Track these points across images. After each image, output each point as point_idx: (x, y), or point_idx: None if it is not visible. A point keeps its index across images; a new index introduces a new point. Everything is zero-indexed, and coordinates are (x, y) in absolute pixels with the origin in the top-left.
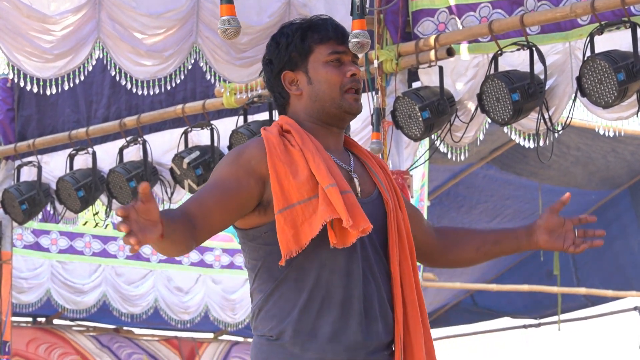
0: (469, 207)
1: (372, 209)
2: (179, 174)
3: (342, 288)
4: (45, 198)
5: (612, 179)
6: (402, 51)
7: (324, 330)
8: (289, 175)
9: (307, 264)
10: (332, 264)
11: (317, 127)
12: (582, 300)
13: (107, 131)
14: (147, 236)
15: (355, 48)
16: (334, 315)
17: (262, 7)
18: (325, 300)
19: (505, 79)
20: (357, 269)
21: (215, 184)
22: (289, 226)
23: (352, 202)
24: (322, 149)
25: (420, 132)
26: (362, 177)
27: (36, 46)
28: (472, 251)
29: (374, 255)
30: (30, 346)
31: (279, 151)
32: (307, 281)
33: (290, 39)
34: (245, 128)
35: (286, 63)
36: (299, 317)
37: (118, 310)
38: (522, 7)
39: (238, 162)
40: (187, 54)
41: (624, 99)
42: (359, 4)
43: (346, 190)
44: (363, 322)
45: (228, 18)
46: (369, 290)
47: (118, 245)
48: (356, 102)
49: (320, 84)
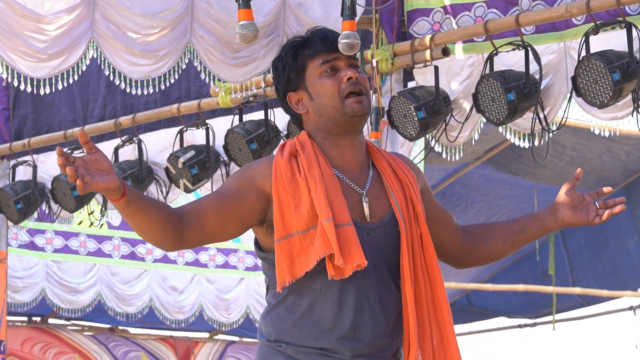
0: (464, 206)
1: (382, 234)
2: (174, 174)
3: (333, 316)
4: (40, 197)
5: (608, 179)
6: (397, 51)
7: (314, 347)
8: (291, 205)
9: (304, 289)
10: (327, 291)
11: (329, 141)
12: (578, 300)
13: (102, 130)
14: (97, 179)
15: (345, 49)
16: (324, 340)
17: (256, 7)
18: (315, 326)
19: (500, 78)
20: (351, 298)
21: (216, 192)
22: (285, 256)
23: (349, 236)
24: (329, 174)
25: (415, 131)
26: (377, 198)
27: (30, 46)
28: (499, 244)
29: (379, 283)
30: (26, 345)
31: (284, 179)
32: (302, 305)
33: (285, 61)
34: (241, 127)
35: (287, 85)
36: (289, 334)
37: (113, 309)
38: (517, 7)
39: (243, 176)
40: (181, 54)
41: (619, 99)
42: (350, 5)
43: (343, 224)
44: (352, 348)
45: (246, 23)
46: (362, 319)
47: (113, 244)
48: (359, 103)
49: (320, 97)
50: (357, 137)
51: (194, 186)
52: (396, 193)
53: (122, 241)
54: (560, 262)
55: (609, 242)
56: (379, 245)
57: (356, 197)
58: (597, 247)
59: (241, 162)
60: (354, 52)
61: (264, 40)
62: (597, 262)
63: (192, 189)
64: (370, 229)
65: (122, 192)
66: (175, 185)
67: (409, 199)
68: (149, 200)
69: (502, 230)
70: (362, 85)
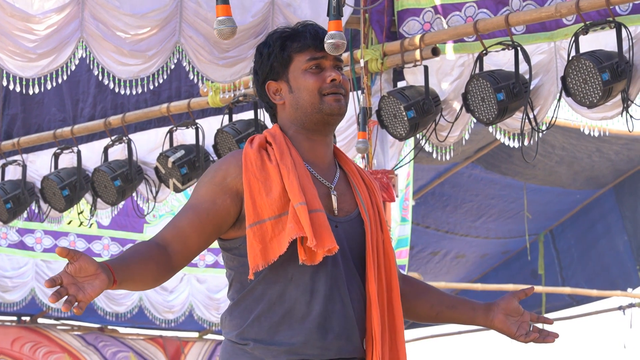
0: (454, 206)
1: (349, 228)
2: (164, 173)
3: (304, 304)
4: (30, 197)
5: (597, 179)
6: (387, 50)
7: (282, 343)
8: (262, 191)
9: (275, 277)
10: (299, 279)
11: (302, 137)
12: (567, 299)
13: (92, 130)
14: (88, 292)
15: (330, 49)
16: (294, 329)
17: (245, 7)
18: (286, 315)
19: (490, 78)
20: (322, 287)
21: (192, 207)
22: (258, 241)
23: (321, 222)
24: (301, 164)
25: (405, 131)
26: (344, 195)
27: (19, 45)
28: (427, 307)
29: (347, 275)
30: (15, 345)
31: (254, 167)
32: (272, 294)
33: (272, 49)
34: (230, 127)
35: (269, 73)
36: (257, 328)
37: (102, 309)
38: (508, 7)
39: (214, 181)
40: (170, 54)
41: (608, 99)
42: (335, 5)
43: (316, 209)
44: (322, 338)
45: (224, 18)
46: (332, 308)
47: (102, 244)
48: (337, 102)
49: (300, 91)
50: (328, 135)
51: (184, 186)
52: (363, 194)
53: (112, 241)
54: (550, 262)
55: (598, 241)
56: (346, 239)
57: (325, 190)
58: (586, 247)
59: None
60: (339, 52)
61: (252, 41)
62: (586, 261)
63: (182, 189)
64: (339, 222)
65: (113, 280)
66: (165, 185)
67: (374, 204)
68: (135, 264)
69: (436, 297)
70: (344, 88)
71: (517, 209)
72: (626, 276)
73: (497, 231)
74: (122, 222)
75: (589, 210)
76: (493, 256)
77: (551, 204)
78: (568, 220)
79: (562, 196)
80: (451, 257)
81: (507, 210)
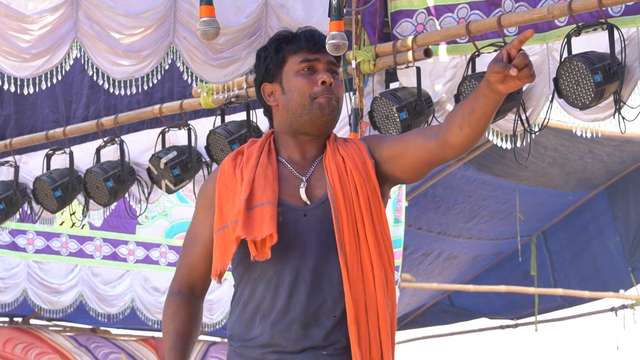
0: (446, 207)
1: (321, 214)
2: (156, 174)
3: (270, 299)
4: (22, 198)
5: (589, 180)
6: (379, 52)
7: (255, 339)
8: (229, 198)
9: (247, 278)
10: (265, 276)
11: (288, 137)
12: (559, 301)
13: (84, 131)
14: None
15: (331, 49)
16: (263, 324)
17: (239, 8)
18: (256, 312)
19: (481, 80)
20: (286, 278)
21: (194, 237)
22: (218, 246)
23: (264, 214)
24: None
25: (397, 132)
26: (319, 181)
27: (14, 45)
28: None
29: (318, 260)
30: (7, 346)
31: (226, 176)
32: (246, 294)
33: (267, 52)
34: (223, 128)
35: (264, 75)
36: (237, 327)
37: (95, 310)
38: (500, 9)
39: (201, 204)
40: (164, 54)
41: (600, 101)
42: (336, 6)
43: (262, 203)
44: (288, 329)
45: (208, 19)
46: (297, 299)
47: (95, 245)
48: (327, 101)
49: (292, 93)
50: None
51: (176, 187)
52: (332, 174)
53: (104, 242)
54: (542, 263)
55: (590, 243)
56: (318, 225)
57: (296, 183)
58: (578, 248)
59: None
60: (340, 52)
61: (246, 41)
62: (578, 263)
63: (174, 190)
64: (307, 210)
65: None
66: (157, 186)
67: (349, 173)
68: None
69: (458, 115)
70: (335, 92)
71: (509, 210)
72: (618, 277)
73: (490, 232)
74: (114, 223)
75: (581, 212)
76: (485, 257)
77: (543, 205)
78: (560, 222)
79: (555, 197)
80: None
81: (500, 211)
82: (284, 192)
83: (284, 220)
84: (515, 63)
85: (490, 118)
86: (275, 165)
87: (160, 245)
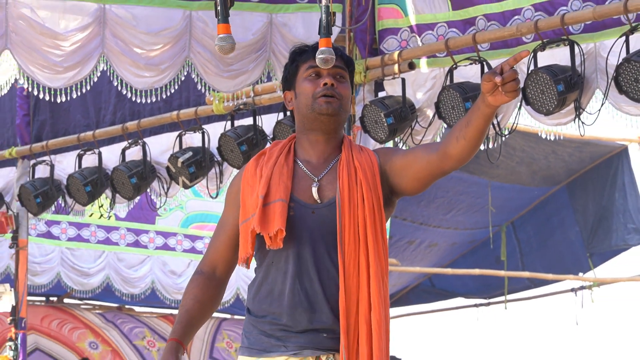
0: (427, 201)
1: (328, 213)
2: (174, 172)
3: (280, 284)
4: (57, 192)
5: (552, 177)
6: (369, 65)
7: (266, 315)
8: (251, 194)
9: (264, 263)
10: (277, 263)
11: (304, 138)
12: (526, 282)
13: (111, 134)
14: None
15: (320, 63)
16: (273, 304)
17: (246, 26)
18: (269, 293)
19: (459, 89)
20: (292, 267)
21: (222, 226)
22: (243, 236)
23: (276, 210)
24: (282, 162)
25: (385, 135)
26: (330, 183)
27: (48, 59)
28: (455, 143)
29: (318, 256)
30: (44, 322)
31: (249, 175)
32: (261, 277)
33: (287, 63)
34: (232, 132)
35: (284, 84)
36: (252, 303)
37: (120, 290)
38: (474, 27)
39: (228, 199)
40: (180, 67)
41: (562, 107)
42: (325, 25)
43: (275, 200)
44: (293, 311)
45: (225, 36)
46: (300, 286)
47: (120, 234)
48: (327, 103)
49: (301, 96)
50: (328, 134)
51: (191, 183)
52: (343, 179)
53: (128, 231)
54: (512, 250)
55: (554, 232)
56: (324, 223)
57: (309, 182)
58: (543, 237)
59: (233, 162)
60: (328, 65)
61: (253, 56)
62: (543, 250)
63: (190, 185)
64: (316, 208)
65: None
66: (175, 182)
67: (359, 182)
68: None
69: (456, 129)
70: (337, 91)
71: (482, 204)
72: (578, 262)
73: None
74: (136, 214)
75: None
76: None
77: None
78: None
79: (522, 192)
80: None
81: (474, 204)
82: (297, 190)
83: (295, 214)
84: (504, 75)
85: (483, 131)
86: (292, 165)
87: (177, 234)
